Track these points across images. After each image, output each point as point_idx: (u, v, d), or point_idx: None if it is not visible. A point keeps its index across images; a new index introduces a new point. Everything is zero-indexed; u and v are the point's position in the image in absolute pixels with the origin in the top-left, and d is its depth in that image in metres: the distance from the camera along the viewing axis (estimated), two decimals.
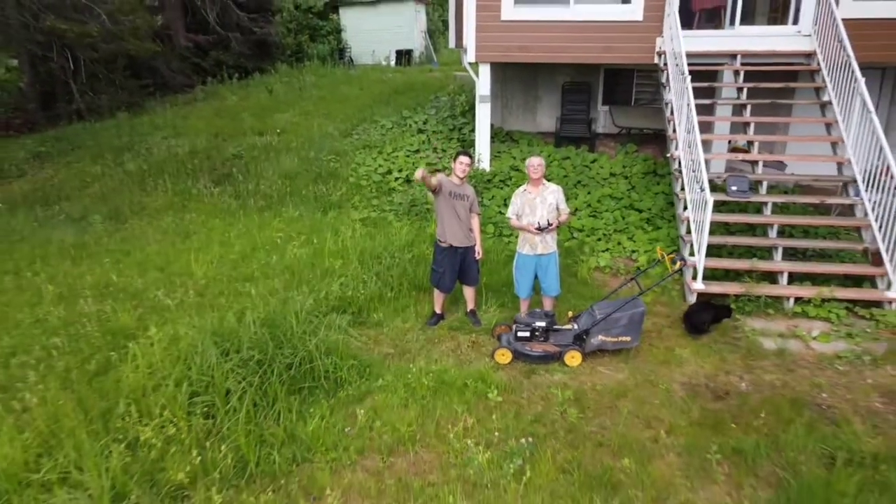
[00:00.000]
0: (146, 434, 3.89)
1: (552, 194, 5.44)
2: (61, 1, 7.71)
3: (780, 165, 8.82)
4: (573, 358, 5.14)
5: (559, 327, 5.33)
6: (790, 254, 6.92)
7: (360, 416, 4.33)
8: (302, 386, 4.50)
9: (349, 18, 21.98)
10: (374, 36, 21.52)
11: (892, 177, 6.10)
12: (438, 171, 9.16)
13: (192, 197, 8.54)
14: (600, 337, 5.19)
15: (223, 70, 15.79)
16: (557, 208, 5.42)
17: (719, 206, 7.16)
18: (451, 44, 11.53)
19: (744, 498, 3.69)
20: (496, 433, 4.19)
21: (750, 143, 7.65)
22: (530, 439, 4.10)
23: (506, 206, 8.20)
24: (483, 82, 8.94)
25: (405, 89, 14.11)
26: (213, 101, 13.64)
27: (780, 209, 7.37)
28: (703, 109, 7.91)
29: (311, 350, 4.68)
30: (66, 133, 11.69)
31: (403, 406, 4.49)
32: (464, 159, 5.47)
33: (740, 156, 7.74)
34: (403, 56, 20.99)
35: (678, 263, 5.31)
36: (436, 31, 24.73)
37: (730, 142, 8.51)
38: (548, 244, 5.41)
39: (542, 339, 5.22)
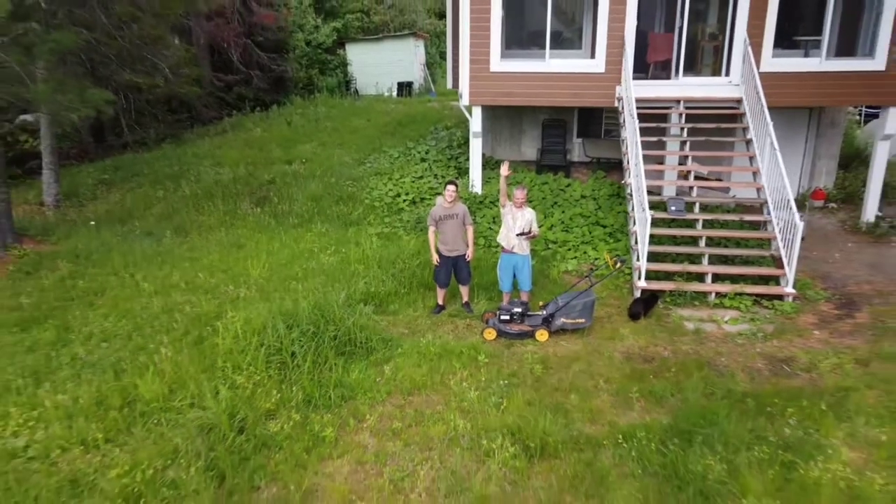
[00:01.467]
0: (240, 380, 5.65)
1: (529, 213, 7.27)
2: (129, 54, 9.59)
3: (726, 190, 10.73)
4: (542, 335, 6.91)
5: (532, 313, 7.12)
6: (722, 259, 8.72)
7: (386, 371, 6.09)
8: (345, 350, 6.25)
9: (355, 53, 24.02)
10: (377, 69, 23.51)
11: (788, 200, 7.95)
12: (438, 194, 11.02)
13: (238, 216, 10.37)
14: (562, 319, 6.97)
15: (245, 103, 17.73)
16: (531, 224, 7.25)
17: (669, 223, 9.00)
18: (449, 85, 13.51)
19: (650, 418, 5.45)
20: (483, 381, 5.96)
21: (689, 172, 9.52)
22: (506, 383, 5.88)
23: (494, 222, 10.07)
24: (475, 121, 10.82)
25: (408, 121, 16.02)
26: (240, 132, 15.53)
27: (720, 225, 9.20)
28: (656, 144, 9.82)
29: (349, 326, 6.44)
30: (122, 162, 13.56)
31: (417, 365, 6.22)
32: (450, 188, 7.28)
33: (678, 182, 9.61)
34: (404, 87, 22.95)
35: (618, 264, 7.14)
36: (434, 63, 26.78)
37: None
38: (523, 248, 7.23)
39: (519, 321, 7.00)
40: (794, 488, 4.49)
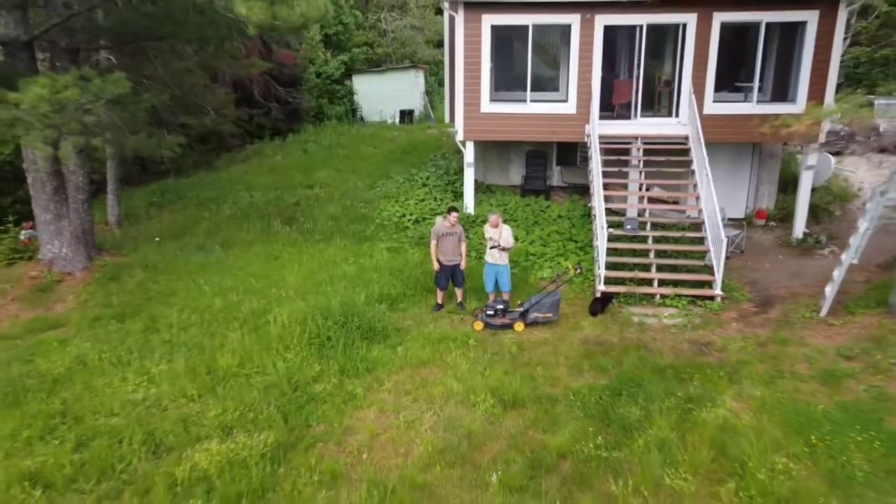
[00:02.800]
0: (290, 356, 7.58)
1: (505, 231, 9.27)
2: (181, 99, 11.66)
3: (682, 211, 12.74)
4: (519, 326, 8.85)
5: (511, 309, 9.08)
6: (670, 268, 10.67)
7: (399, 351, 8.03)
8: (367, 336, 8.18)
9: (361, 83, 26.16)
10: (381, 98, 25.57)
11: (717, 220, 9.95)
12: (438, 214, 13.02)
13: (271, 233, 12.37)
14: (535, 314, 8.93)
15: (264, 132, 19.81)
16: (508, 238, 9.23)
17: (631, 238, 10.97)
18: (447, 119, 15.60)
19: (594, 382, 7.39)
20: (472, 357, 7.90)
21: (643, 196, 11.55)
22: (490, 359, 7.84)
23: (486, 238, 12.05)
24: (469, 153, 12.86)
25: (410, 148, 18.08)
26: (262, 158, 17.60)
27: (674, 241, 11.15)
28: (619, 173, 11.84)
29: (370, 319, 8.39)
30: (167, 187, 15.63)
31: (422, 347, 8.13)
32: (453, 214, 9.26)
33: (639, 204, 11.62)
34: (406, 115, 25.00)
35: (578, 271, 9.13)
36: (433, 91, 28.93)
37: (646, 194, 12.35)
38: (503, 258, 9.22)
39: (501, 315, 8.93)
40: (687, 424, 6.43)
